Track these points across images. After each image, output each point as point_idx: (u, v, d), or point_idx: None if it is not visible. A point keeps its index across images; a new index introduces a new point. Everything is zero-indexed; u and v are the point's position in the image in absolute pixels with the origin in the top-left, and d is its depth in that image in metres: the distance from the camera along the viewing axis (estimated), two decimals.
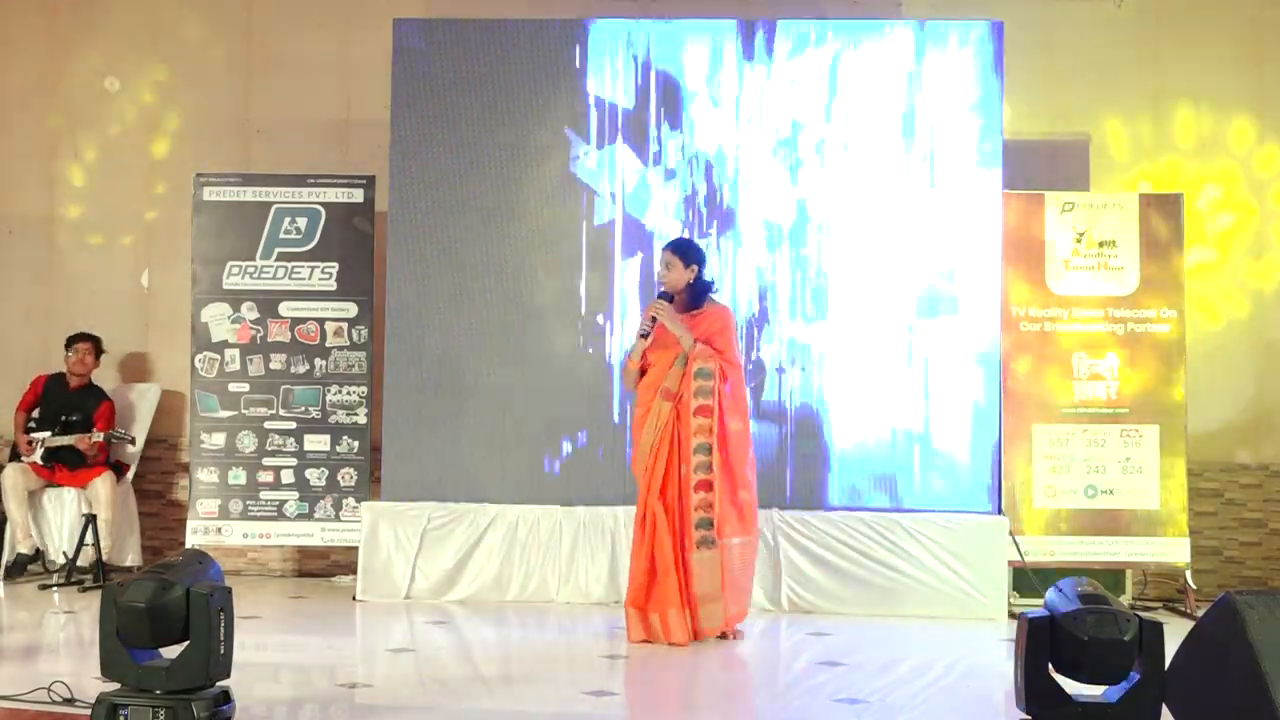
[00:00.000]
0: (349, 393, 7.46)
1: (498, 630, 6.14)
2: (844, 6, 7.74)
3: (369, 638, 6.06)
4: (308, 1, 8.12)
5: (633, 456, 5.90)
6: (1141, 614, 3.58)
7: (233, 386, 7.47)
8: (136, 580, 3.70)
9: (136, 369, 8.12)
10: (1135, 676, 3.52)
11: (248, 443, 7.44)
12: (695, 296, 5.84)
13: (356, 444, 7.43)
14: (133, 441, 7.63)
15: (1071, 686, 3.61)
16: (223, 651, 3.71)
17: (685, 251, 5.88)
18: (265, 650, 5.59)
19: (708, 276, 5.93)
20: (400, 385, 7.07)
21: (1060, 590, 3.69)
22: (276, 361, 7.49)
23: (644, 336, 5.76)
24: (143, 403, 7.89)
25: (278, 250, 7.51)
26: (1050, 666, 3.57)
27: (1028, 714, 3.60)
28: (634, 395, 5.97)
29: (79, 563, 7.09)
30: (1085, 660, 3.50)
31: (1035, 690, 3.57)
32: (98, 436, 7.35)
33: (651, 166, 7.10)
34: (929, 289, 6.98)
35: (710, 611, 5.64)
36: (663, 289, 5.86)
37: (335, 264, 7.49)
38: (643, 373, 5.85)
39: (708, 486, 5.65)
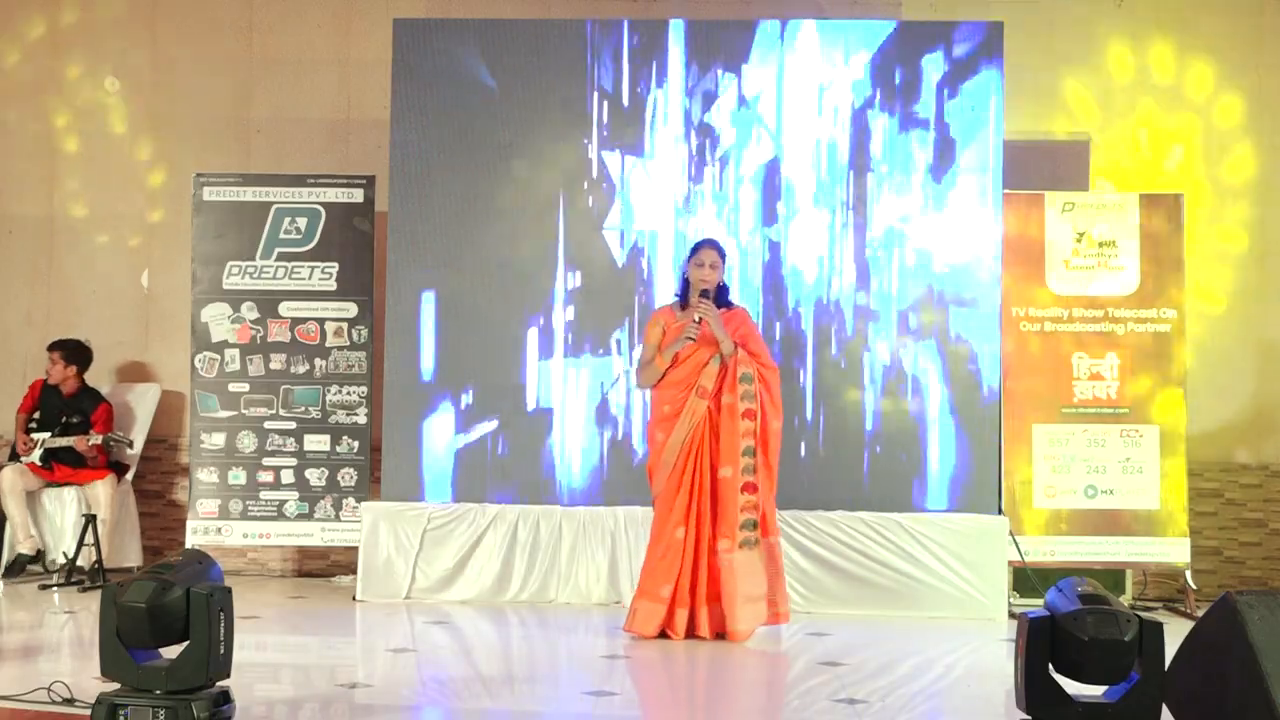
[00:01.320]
0: (349, 393, 7.46)
1: (498, 630, 6.14)
2: (844, 6, 7.74)
3: (369, 638, 6.06)
4: (308, 1, 8.12)
5: (651, 452, 5.89)
6: (1141, 614, 3.58)
7: (233, 386, 7.47)
8: (137, 580, 3.70)
9: (136, 369, 8.12)
10: (1135, 676, 3.52)
11: (248, 443, 7.44)
12: (723, 295, 5.90)
13: (356, 444, 7.43)
14: (130, 444, 7.62)
15: (1071, 686, 3.61)
16: (223, 651, 3.71)
17: (724, 251, 5.96)
18: (265, 650, 5.59)
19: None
20: (400, 385, 7.07)
21: (1060, 590, 3.69)
22: (276, 361, 7.49)
23: (691, 339, 5.75)
24: (142, 403, 7.89)
25: (278, 250, 7.51)
26: (1050, 666, 3.57)
27: (1028, 714, 3.60)
28: (649, 391, 5.97)
29: (79, 563, 7.08)
30: (1085, 660, 3.50)
31: (1035, 690, 3.57)
32: (95, 439, 7.35)
33: (653, 161, 7.09)
34: (928, 289, 6.98)
35: (753, 611, 5.70)
36: (704, 287, 5.85)
37: (335, 264, 7.49)
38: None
39: (753, 488, 5.70)
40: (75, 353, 7.58)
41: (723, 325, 5.76)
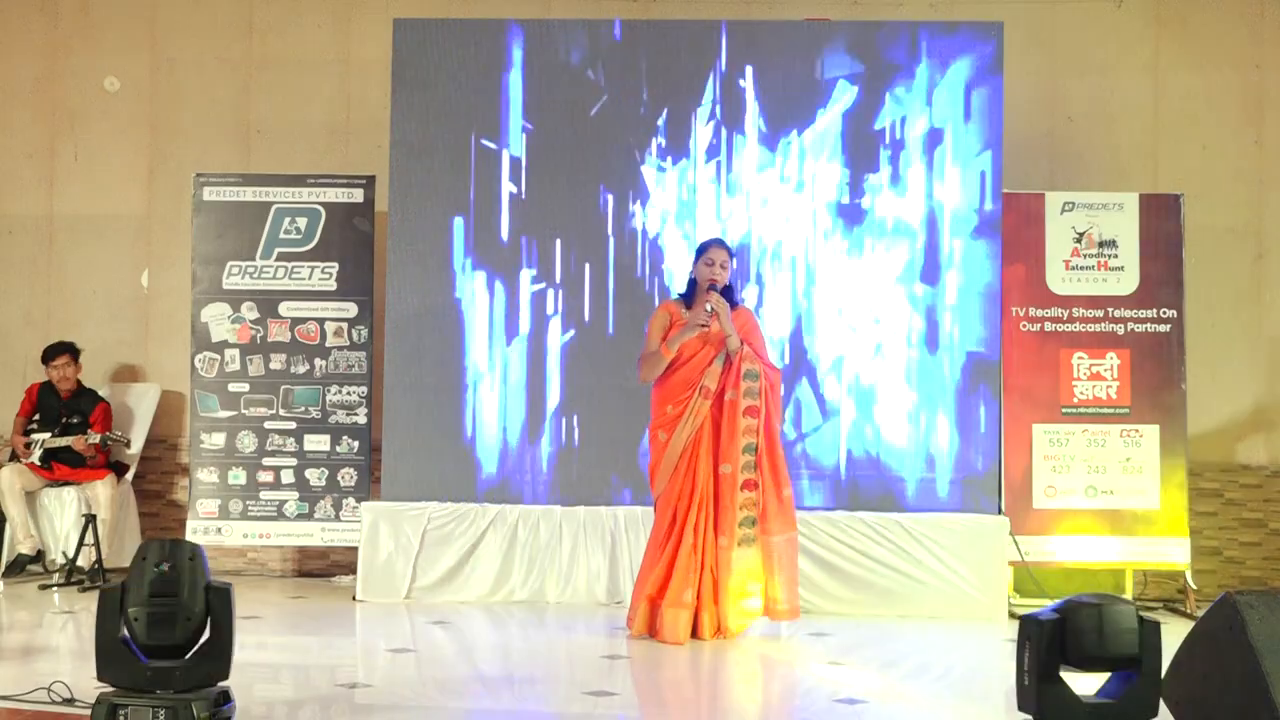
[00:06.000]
0: (349, 393, 7.46)
1: (498, 630, 6.14)
2: (844, 7, 7.74)
3: (369, 638, 6.06)
4: (308, 1, 8.12)
5: (653, 453, 5.85)
6: (1142, 614, 3.58)
7: (233, 386, 7.47)
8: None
9: (136, 369, 8.11)
10: (1134, 676, 3.52)
11: (248, 443, 7.44)
12: (729, 295, 5.88)
13: (356, 444, 7.43)
14: (128, 444, 7.63)
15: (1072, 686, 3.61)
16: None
17: (732, 250, 6.01)
18: (265, 650, 5.59)
19: None
20: (400, 385, 7.06)
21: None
22: (276, 361, 7.49)
23: (704, 326, 5.73)
24: (142, 403, 7.89)
25: (278, 250, 7.51)
26: (1052, 666, 3.57)
27: (1024, 712, 3.61)
28: (649, 387, 5.91)
29: (79, 563, 7.08)
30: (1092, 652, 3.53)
31: (1033, 689, 3.57)
32: (94, 438, 7.35)
33: (655, 161, 7.09)
34: (929, 289, 6.98)
35: (744, 608, 5.72)
36: (714, 284, 5.79)
37: (335, 264, 7.49)
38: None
39: (754, 486, 5.72)
40: (76, 351, 7.60)
41: (731, 322, 5.76)
